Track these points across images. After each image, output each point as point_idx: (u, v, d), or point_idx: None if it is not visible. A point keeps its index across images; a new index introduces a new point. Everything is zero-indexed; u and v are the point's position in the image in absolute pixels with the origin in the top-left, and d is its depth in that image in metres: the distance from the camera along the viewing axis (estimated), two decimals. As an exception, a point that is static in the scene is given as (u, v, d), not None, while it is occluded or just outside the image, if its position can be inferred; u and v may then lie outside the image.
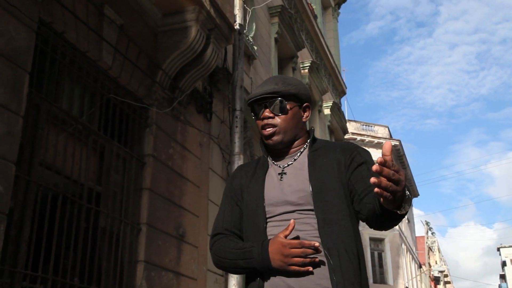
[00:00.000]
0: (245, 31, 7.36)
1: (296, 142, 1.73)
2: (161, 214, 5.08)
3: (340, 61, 15.47)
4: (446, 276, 53.50)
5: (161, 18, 5.38)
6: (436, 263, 45.90)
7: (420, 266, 36.30)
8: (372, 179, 1.29)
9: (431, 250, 45.53)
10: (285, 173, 1.68)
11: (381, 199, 1.34)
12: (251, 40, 8.07)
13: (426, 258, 40.53)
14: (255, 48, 8.18)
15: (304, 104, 1.74)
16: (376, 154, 25.59)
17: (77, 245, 4.03)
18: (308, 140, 1.75)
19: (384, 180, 1.28)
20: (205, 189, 6.11)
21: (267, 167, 1.74)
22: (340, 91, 14.90)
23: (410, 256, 31.33)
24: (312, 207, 1.57)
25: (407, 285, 26.98)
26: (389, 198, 1.31)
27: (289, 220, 1.55)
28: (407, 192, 1.37)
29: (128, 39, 4.87)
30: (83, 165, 4.26)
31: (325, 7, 15.11)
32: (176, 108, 5.54)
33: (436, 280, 45.17)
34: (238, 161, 6.29)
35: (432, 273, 42.71)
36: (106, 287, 4.27)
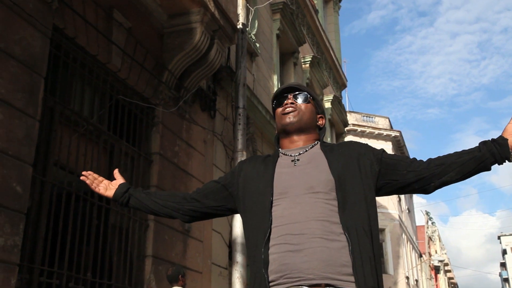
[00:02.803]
0: (247, 28, 7.50)
1: (306, 137, 1.82)
2: (168, 210, 5.26)
3: (341, 54, 15.59)
4: (446, 265, 53.93)
5: (166, 19, 5.53)
6: (436, 252, 46.31)
7: (420, 256, 36.66)
8: None
9: (431, 240, 45.88)
10: (298, 160, 1.75)
11: None
12: (253, 38, 8.21)
13: (426, 247, 40.90)
14: (257, 45, 8.32)
15: (320, 114, 1.89)
16: (376, 145, 25.72)
17: (89, 242, 4.23)
18: (318, 140, 1.86)
19: None
20: (210, 185, 6.29)
21: (277, 157, 1.80)
22: (340, 84, 15.04)
23: (411, 245, 31.64)
24: (326, 192, 1.64)
25: (407, 275, 27.32)
26: None
27: (301, 201, 1.62)
28: None
29: (136, 41, 5.03)
30: (94, 164, 4.45)
31: (326, 0, 15.20)
32: (181, 107, 5.71)
33: (436, 269, 45.59)
34: (241, 157, 6.47)
35: (432, 262, 43.12)
36: (117, 282, 4.48)
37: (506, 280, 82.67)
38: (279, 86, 9.30)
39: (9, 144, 3.43)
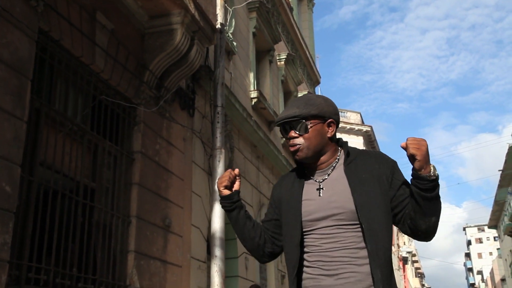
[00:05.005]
0: (225, 28, 7.66)
1: (325, 157, 1.90)
2: (149, 206, 5.43)
3: (314, 51, 15.88)
4: (414, 255, 55.34)
5: (148, 20, 5.66)
6: (404, 244, 47.49)
7: (389, 247, 37.51)
8: (402, 144, 1.68)
9: (400, 232, 46.95)
10: (322, 189, 1.86)
11: (414, 164, 1.66)
12: (231, 36, 8.38)
13: (395, 239, 41.93)
14: (235, 43, 8.50)
15: (328, 120, 1.88)
16: (348, 139, 26.21)
17: (74, 238, 4.37)
18: (339, 153, 1.92)
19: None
20: (189, 182, 6.47)
21: (303, 182, 1.92)
22: (314, 80, 15.33)
23: (380, 237, 32.30)
24: (351, 222, 1.79)
25: (376, 266, 27.98)
26: (415, 151, 1.64)
27: (330, 233, 1.80)
28: (432, 167, 1.67)
29: (118, 42, 5.15)
30: (79, 164, 4.57)
31: (300, -2, 15.43)
32: (161, 106, 5.85)
33: (404, 260, 46.76)
34: (220, 155, 6.65)
35: (400, 253, 44.21)
36: (101, 276, 4.62)
37: (470, 269, 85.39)
38: (254, 84, 9.54)
39: (-1, 146, 3.54)
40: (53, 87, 4.43)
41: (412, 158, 1.67)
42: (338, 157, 1.92)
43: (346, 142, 1.97)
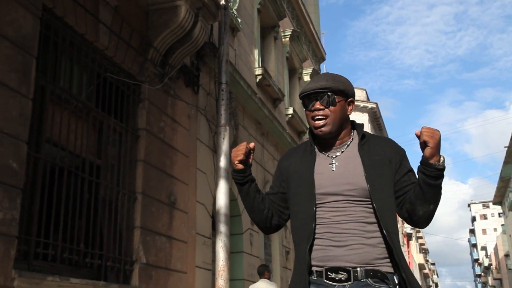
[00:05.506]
0: (230, 4, 7.59)
1: (341, 134, 1.94)
2: (154, 183, 5.48)
3: (319, 27, 15.72)
4: (418, 232, 55.67)
5: (151, -3, 5.61)
6: (408, 220, 47.65)
7: (393, 224, 37.72)
8: (417, 131, 1.73)
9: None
10: (335, 164, 1.91)
11: (424, 150, 1.73)
12: (235, 13, 8.31)
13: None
14: (239, 20, 8.43)
15: (349, 99, 1.95)
16: (352, 116, 26.15)
17: (81, 214, 4.43)
18: (352, 133, 1.98)
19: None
20: (193, 159, 6.52)
21: (315, 156, 1.96)
22: (319, 57, 15.22)
23: (384, 214, 32.48)
24: (362, 199, 1.85)
25: (380, 242, 28.20)
26: (428, 139, 1.70)
27: (340, 207, 1.85)
28: (442, 158, 1.75)
29: (122, 19, 5.13)
30: (84, 141, 4.61)
31: (306, -28, 15.20)
32: (166, 83, 5.85)
33: (409, 236, 47.10)
34: (224, 132, 6.67)
35: (404, 230, 44.51)
36: (108, 252, 4.71)
37: (474, 245, 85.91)
38: (259, 61, 9.49)
39: (5, 123, 3.57)
40: (58, 64, 4.44)
41: (424, 144, 1.74)
42: (352, 137, 1.98)
43: (362, 124, 2.02)
